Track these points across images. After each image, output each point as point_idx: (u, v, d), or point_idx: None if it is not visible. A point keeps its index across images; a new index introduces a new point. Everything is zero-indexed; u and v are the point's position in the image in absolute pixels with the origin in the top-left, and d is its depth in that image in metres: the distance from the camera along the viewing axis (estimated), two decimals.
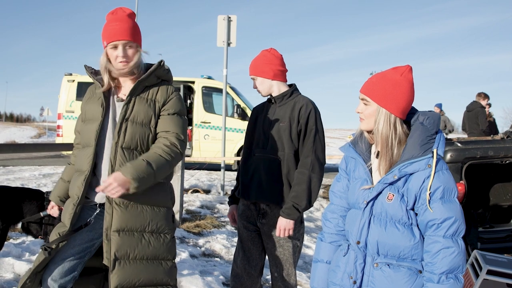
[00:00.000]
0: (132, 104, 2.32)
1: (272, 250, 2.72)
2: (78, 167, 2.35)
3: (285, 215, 2.59)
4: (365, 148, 1.93)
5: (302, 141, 2.68)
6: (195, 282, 3.86)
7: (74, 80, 12.64)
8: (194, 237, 5.52)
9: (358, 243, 1.83)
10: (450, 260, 1.68)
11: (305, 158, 2.65)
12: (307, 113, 2.68)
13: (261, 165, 2.71)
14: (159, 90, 2.38)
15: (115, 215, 2.24)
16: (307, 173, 2.61)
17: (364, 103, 1.85)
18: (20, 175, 10.20)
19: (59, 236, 2.24)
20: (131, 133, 2.28)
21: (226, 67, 9.13)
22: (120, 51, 2.30)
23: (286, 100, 2.77)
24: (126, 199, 2.24)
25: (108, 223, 2.24)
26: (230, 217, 2.96)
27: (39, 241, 4.30)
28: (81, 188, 2.26)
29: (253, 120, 2.88)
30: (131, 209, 2.26)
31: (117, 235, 2.23)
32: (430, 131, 1.79)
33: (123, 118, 2.29)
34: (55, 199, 2.51)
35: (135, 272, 2.25)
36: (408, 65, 1.85)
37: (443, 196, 1.73)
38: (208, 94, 12.85)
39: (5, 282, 3.57)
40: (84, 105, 2.45)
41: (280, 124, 2.71)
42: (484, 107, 9.85)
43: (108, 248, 2.23)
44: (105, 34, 2.32)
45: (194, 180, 9.98)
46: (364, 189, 1.85)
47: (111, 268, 2.22)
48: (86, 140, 2.34)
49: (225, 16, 8.95)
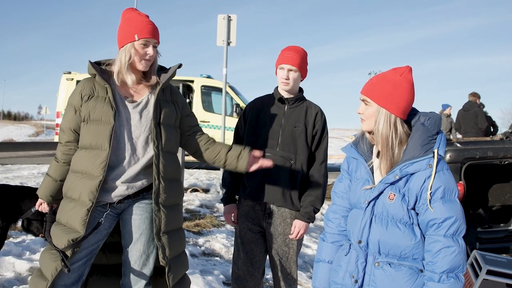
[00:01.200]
0: (159, 108, 2.34)
1: (278, 250, 2.73)
2: (81, 169, 2.27)
3: (305, 218, 2.70)
4: (367, 148, 1.95)
5: (316, 145, 2.76)
6: (195, 282, 3.87)
7: (73, 78, 12.61)
8: (194, 236, 5.53)
9: (360, 242, 1.84)
10: (451, 259, 1.70)
11: (320, 163, 2.76)
12: (323, 119, 2.79)
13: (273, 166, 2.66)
14: (173, 92, 2.47)
15: (163, 217, 2.31)
16: (322, 178, 2.74)
17: (365, 104, 1.87)
18: (18, 173, 10.19)
19: (72, 242, 2.20)
20: (166, 136, 2.34)
21: (226, 67, 9.14)
22: (151, 50, 2.29)
23: (298, 103, 2.78)
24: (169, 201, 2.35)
25: (158, 226, 2.30)
26: (229, 216, 2.86)
27: (40, 240, 4.32)
28: (95, 194, 2.22)
29: (254, 117, 2.80)
30: (173, 210, 2.38)
31: (167, 236, 2.33)
32: (431, 131, 1.80)
33: (156, 123, 2.32)
34: (47, 198, 2.45)
35: (180, 267, 2.43)
36: (408, 66, 1.87)
37: (444, 196, 1.74)
38: (207, 93, 12.85)
39: (6, 281, 3.58)
40: (85, 103, 2.29)
41: (295, 127, 2.71)
42: (480, 106, 9.87)
43: (164, 250, 2.31)
44: (138, 27, 2.26)
45: (193, 179, 9.99)
46: (365, 189, 1.86)
47: (167, 269, 2.32)
48: (93, 143, 2.26)
49: (225, 15, 8.95)
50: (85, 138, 2.29)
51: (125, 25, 2.30)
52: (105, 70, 2.37)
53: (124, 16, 2.34)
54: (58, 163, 2.40)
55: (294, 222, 2.72)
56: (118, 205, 2.33)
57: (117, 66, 2.31)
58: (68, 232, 2.23)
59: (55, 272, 2.19)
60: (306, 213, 2.70)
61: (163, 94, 2.38)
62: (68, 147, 2.37)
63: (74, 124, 2.33)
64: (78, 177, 2.28)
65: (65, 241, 2.20)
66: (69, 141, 2.36)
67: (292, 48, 2.74)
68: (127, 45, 2.27)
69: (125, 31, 2.28)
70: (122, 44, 2.29)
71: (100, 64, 2.40)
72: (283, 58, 2.72)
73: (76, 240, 2.19)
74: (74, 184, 2.28)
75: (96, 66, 2.33)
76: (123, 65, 2.29)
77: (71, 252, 2.21)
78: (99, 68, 2.34)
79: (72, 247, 2.19)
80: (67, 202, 2.31)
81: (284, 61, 2.70)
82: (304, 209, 2.71)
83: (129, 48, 2.27)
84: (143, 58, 2.29)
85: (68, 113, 2.34)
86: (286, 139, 2.70)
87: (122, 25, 2.32)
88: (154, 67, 2.38)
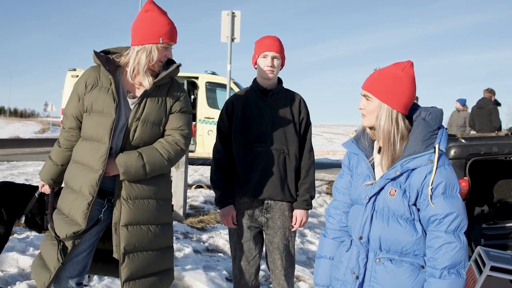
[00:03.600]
0: (143, 104, 2.30)
1: (279, 244, 2.72)
2: (82, 160, 2.29)
3: (304, 206, 2.73)
4: (368, 144, 1.93)
5: (303, 133, 2.78)
6: (198, 278, 3.87)
7: (78, 75, 12.63)
8: (197, 233, 5.54)
9: (361, 238, 1.83)
10: (452, 255, 1.69)
11: (309, 150, 2.79)
12: (306, 108, 2.82)
13: (267, 161, 2.67)
14: (170, 90, 2.39)
15: (123, 210, 2.27)
16: (312, 165, 2.78)
17: (366, 99, 1.85)
18: (24, 170, 10.24)
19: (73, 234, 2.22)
20: (141, 133, 2.29)
21: (230, 63, 9.12)
22: (170, 53, 2.31)
23: (280, 94, 2.77)
24: (134, 194, 2.29)
25: (117, 218, 2.27)
26: (229, 219, 2.73)
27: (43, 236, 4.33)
28: (95, 188, 2.23)
29: (240, 113, 2.73)
30: (139, 204, 2.31)
31: (126, 229, 2.27)
32: (432, 126, 1.79)
33: (133, 118, 2.28)
34: (48, 181, 2.50)
35: (143, 263, 2.32)
36: (409, 61, 1.85)
37: (445, 191, 1.73)
38: (212, 90, 12.83)
39: (10, 277, 3.60)
40: (88, 92, 2.29)
41: (282, 118, 2.71)
42: (495, 104, 9.63)
43: (118, 242, 2.27)
44: (163, 29, 2.24)
45: (198, 176, 9.99)
46: (366, 185, 1.85)
47: (121, 261, 2.27)
48: (94, 134, 2.27)
49: (229, 11, 8.92)
50: (86, 129, 2.31)
51: (148, 23, 2.24)
52: (112, 60, 2.34)
53: (147, 12, 2.27)
54: (60, 148, 2.44)
55: (294, 212, 2.73)
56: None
57: (133, 64, 2.28)
58: (70, 224, 2.26)
59: (57, 264, 2.22)
60: (304, 201, 2.72)
61: (157, 90, 2.34)
62: (70, 133, 2.40)
63: (77, 111, 2.34)
64: (80, 168, 2.31)
65: (66, 232, 2.24)
66: (71, 128, 2.39)
67: (270, 37, 2.73)
68: (148, 45, 2.24)
69: (148, 31, 2.23)
70: (143, 42, 2.25)
71: (109, 53, 2.37)
72: (266, 45, 2.68)
73: (77, 232, 2.23)
74: (76, 175, 2.31)
75: (101, 56, 2.31)
76: (142, 66, 2.26)
77: (71, 244, 2.24)
78: (104, 57, 2.32)
79: (73, 239, 2.23)
80: (68, 193, 2.33)
81: (268, 49, 2.67)
82: (301, 197, 2.73)
83: (150, 49, 2.25)
84: (160, 60, 2.29)
85: (72, 100, 2.36)
86: (276, 131, 2.69)
87: (144, 22, 2.25)
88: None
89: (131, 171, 2.24)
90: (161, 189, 2.41)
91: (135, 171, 2.24)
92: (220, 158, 2.77)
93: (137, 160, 2.24)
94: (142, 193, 2.32)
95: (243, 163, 2.70)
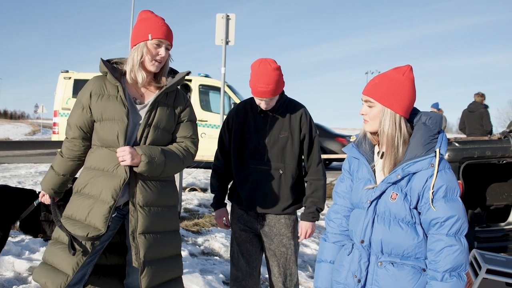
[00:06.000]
0: (155, 110, 2.31)
1: (276, 251, 2.72)
2: (100, 166, 2.28)
3: (310, 218, 2.72)
4: (369, 148, 1.95)
5: (308, 149, 2.71)
6: (195, 281, 3.87)
7: (70, 77, 12.56)
8: (193, 236, 5.53)
9: (362, 242, 1.85)
10: (453, 258, 1.71)
11: (317, 165, 2.73)
12: (308, 121, 2.70)
13: (261, 178, 2.66)
14: (177, 97, 2.43)
15: (140, 218, 2.27)
16: (322, 179, 2.73)
17: (368, 105, 1.87)
18: (16, 172, 10.16)
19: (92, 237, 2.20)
20: (152, 138, 2.29)
21: (225, 66, 9.14)
22: (163, 51, 2.30)
23: (281, 110, 2.67)
24: (150, 201, 2.29)
25: (134, 226, 2.26)
26: (221, 221, 2.85)
27: (39, 239, 4.29)
28: (118, 192, 2.23)
29: (239, 128, 2.72)
30: (154, 211, 2.31)
31: (143, 237, 2.27)
32: (432, 130, 1.81)
33: (145, 124, 2.28)
34: (49, 190, 2.47)
35: (161, 271, 2.34)
36: (408, 65, 1.88)
37: (446, 195, 1.75)
38: (205, 92, 12.82)
39: (5, 281, 3.57)
40: (95, 102, 2.29)
41: (280, 135, 2.66)
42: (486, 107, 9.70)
43: (137, 251, 2.26)
44: (152, 27, 2.27)
45: (192, 179, 9.97)
46: (367, 189, 1.87)
47: (141, 271, 2.26)
48: (109, 140, 2.26)
49: (224, 14, 8.95)
50: (101, 135, 2.29)
51: (140, 24, 2.31)
52: (117, 68, 2.36)
53: (140, 17, 2.35)
54: (62, 158, 2.43)
55: (299, 224, 2.73)
56: (124, 207, 2.34)
57: (130, 65, 2.31)
58: (86, 229, 2.23)
59: (76, 266, 2.20)
60: (310, 213, 2.71)
61: (166, 97, 2.37)
62: (73, 143, 2.38)
63: (81, 121, 2.33)
64: (98, 174, 2.28)
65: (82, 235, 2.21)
66: (74, 138, 2.37)
67: (264, 79, 2.50)
68: (140, 43, 2.28)
69: (139, 30, 2.29)
70: (135, 43, 2.30)
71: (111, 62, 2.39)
72: (257, 91, 2.54)
73: (97, 236, 2.21)
74: (94, 180, 2.28)
75: (107, 64, 2.33)
76: (135, 63, 2.29)
77: (91, 246, 2.22)
78: (111, 66, 2.34)
79: (93, 240, 2.21)
80: (83, 199, 2.29)
81: (259, 95, 2.55)
82: (307, 209, 2.72)
83: (141, 47, 2.28)
84: (154, 59, 2.29)
85: (76, 110, 2.35)
86: (273, 149, 2.65)
87: (137, 25, 2.33)
88: (165, 69, 2.39)
89: (154, 164, 2.23)
90: (172, 196, 2.43)
91: (157, 164, 2.24)
92: (218, 165, 2.85)
93: (160, 155, 2.26)
94: (157, 200, 2.33)
95: (239, 176, 2.74)
